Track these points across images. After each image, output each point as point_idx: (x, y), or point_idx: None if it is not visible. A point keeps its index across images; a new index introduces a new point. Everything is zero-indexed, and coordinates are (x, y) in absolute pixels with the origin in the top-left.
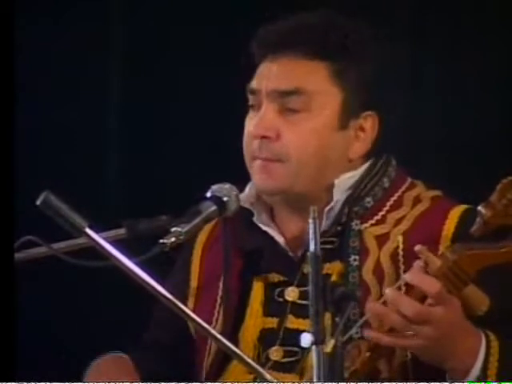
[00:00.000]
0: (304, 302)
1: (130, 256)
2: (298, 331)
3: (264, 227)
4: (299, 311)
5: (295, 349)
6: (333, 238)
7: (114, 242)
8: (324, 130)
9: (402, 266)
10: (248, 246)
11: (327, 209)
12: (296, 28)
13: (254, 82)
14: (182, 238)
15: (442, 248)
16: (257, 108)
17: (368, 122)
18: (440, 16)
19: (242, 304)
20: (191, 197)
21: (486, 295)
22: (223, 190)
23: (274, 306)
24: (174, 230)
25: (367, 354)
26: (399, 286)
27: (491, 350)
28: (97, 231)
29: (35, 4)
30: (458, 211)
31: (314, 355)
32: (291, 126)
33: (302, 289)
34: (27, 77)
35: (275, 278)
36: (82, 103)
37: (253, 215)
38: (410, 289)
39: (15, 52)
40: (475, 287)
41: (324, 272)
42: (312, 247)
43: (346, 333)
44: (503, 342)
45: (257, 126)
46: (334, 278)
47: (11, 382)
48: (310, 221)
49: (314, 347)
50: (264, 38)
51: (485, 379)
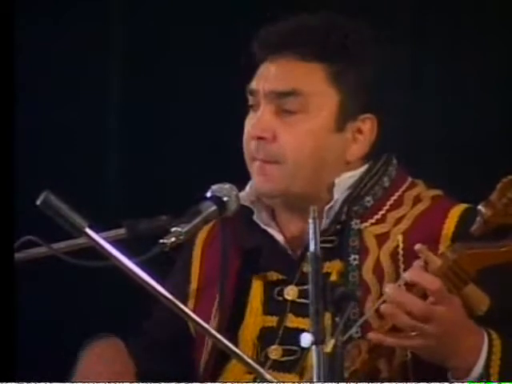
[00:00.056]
0: (303, 301)
1: (130, 256)
2: (298, 330)
3: (264, 226)
4: (299, 310)
5: (294, 348)
6: (332, 237)
7: (114, 242)
8: (320, 132)
9: (401, 266)
10: (247, 245)
11: (327, 207)
12: (297, 29)
13: (253, 83)
14: (181, 237)
15: (442, 247)
16: (256, 109)
17: (366, 125)
18: (440, 16)
19: (240, 302)
20: (191, 197)
21: (486, 295)
22: (223, 189)
23: (274, 305)
24: (174, 229)
25: (367, 354)
26: (399, 286)
27: (493, 348)
28: (97, 231)
29: (35, 4)
30: (458, 210)
31: (313, 355)
32: (288, 127)
33: (302, 287)
34: (27, 77)
35: (274, 276)
36: (82, 103)
37: (253, 213)
38: (409, 288)
39: (15, 52)
40: (475, 287)
41: (324, 271)
42: (312, 247)
43: (346, 332)
44: (505, 341)
45: (254, 127)
46: (334, 276)
47: (11, 382)
48: (310, 221)
49: (313, 347)
50: (265, 39)
51: (487, 377)
